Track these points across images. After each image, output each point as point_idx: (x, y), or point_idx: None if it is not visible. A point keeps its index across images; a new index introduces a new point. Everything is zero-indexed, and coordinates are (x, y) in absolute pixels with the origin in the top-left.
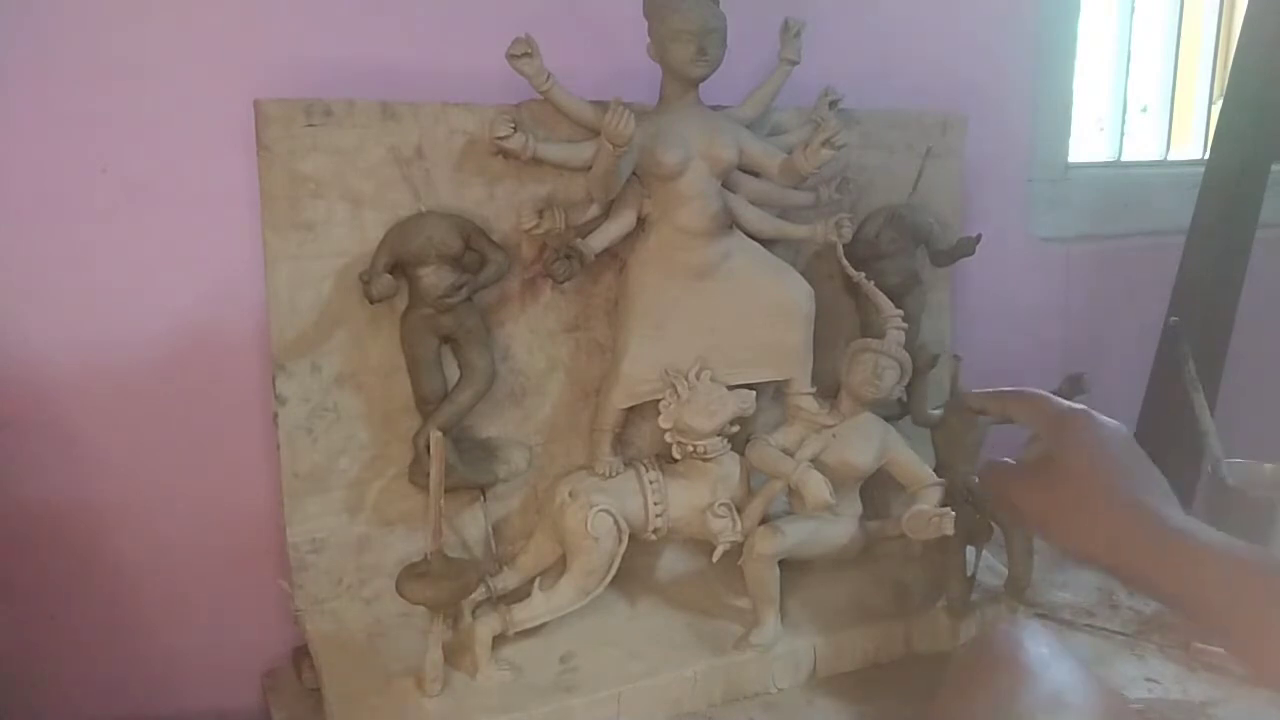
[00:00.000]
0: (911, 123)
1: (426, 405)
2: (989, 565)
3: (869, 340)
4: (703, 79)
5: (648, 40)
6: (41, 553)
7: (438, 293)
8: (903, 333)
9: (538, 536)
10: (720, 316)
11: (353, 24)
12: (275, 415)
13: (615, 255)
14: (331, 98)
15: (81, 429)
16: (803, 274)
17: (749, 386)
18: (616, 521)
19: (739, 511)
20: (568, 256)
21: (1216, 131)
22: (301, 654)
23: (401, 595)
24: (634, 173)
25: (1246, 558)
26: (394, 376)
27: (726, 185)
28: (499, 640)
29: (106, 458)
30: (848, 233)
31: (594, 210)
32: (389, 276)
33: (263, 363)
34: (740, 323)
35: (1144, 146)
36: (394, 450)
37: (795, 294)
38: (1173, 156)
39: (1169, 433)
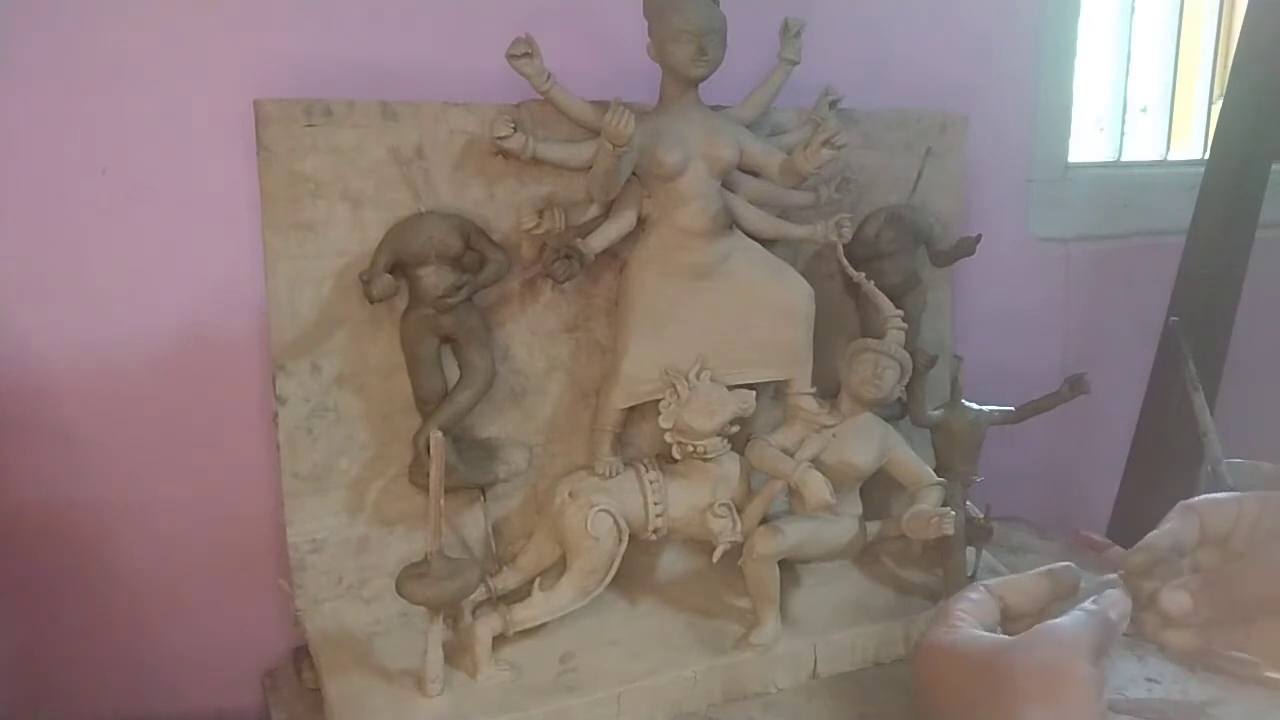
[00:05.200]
0: (911, 123)
1: (426, 405)
2: (989, 565)
3: (869, 340)
4: (703, 79)
5: (648, 40)
6: (42, 553)
7: (438, 293)
8: (903, 333)
9: (538, 536)
10: (720, 316)
11: (353, 24)
12: (275, 415)
13: (615, 255)
14: (331, 98)
15: (81, 429)
16: (803, 274)
17: (749, 386)
18: (616, 521)
19: (739, 511)
20: (568, 256)
21: (1216, 131)
22: (301, 654)
23: (401, 595)
24: (634, 173)
25: None
26: (394, 376)
27: (726, 185)
28: (499, 640)
29: (106, 458)
30: (848, 233)
31: (594, 210)
32: (389, 276)
33: (263, 363)
34: (740, 323)
35: (1144, 146)
36: (394, 450)
37: (795, 294)
38: (1173, 156)
39: (1169, 433)
